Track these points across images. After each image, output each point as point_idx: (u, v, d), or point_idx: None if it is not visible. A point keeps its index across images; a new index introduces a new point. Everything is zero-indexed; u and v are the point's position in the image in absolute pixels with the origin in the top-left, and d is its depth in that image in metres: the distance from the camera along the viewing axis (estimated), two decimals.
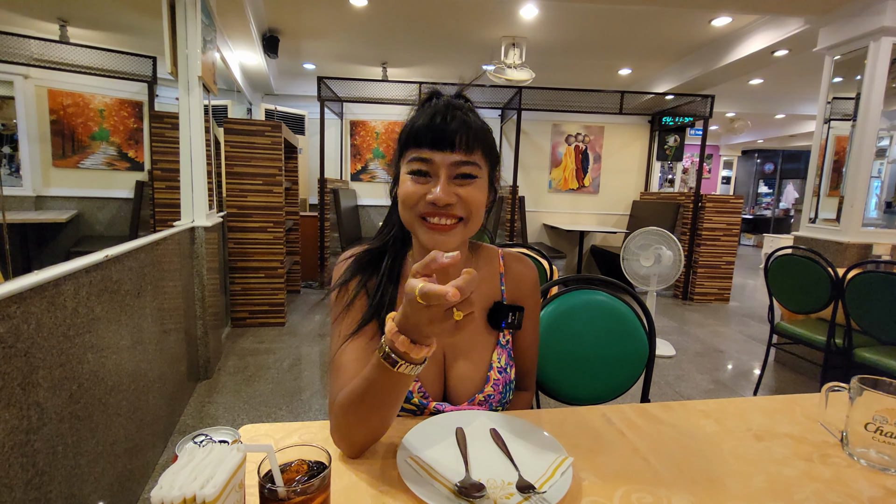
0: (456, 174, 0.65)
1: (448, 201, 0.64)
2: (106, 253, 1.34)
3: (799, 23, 3.28)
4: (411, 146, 0.66)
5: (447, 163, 0.64)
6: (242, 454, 0.40)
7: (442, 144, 0.64)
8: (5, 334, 0.88)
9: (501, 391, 0.76)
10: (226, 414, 2.18)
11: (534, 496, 0.54)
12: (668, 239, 2.88)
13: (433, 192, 0.64)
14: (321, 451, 0.46)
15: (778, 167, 10.75)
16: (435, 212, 0.65)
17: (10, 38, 3.62)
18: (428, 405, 0.74)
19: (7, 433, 0.87)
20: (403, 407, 0.74)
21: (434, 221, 0.65)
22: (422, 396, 0.73)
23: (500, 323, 0.77)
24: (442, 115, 0.65)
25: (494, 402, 0.76)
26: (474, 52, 4.60)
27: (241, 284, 3.35)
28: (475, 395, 0.75)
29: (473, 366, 0.75)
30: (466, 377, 0.75)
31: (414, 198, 0.65)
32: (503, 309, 0.77)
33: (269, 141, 3.27)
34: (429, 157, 0.64)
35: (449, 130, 0.64)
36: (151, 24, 3.56)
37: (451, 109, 0.66)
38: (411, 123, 0.67)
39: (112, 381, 1.36)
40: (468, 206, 0.66)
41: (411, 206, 0.66)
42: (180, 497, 0.34)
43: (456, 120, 0.64)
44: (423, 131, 0.64)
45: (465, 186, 0.65)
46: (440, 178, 0.64)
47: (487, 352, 0.77)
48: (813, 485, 0.61)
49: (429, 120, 0.65)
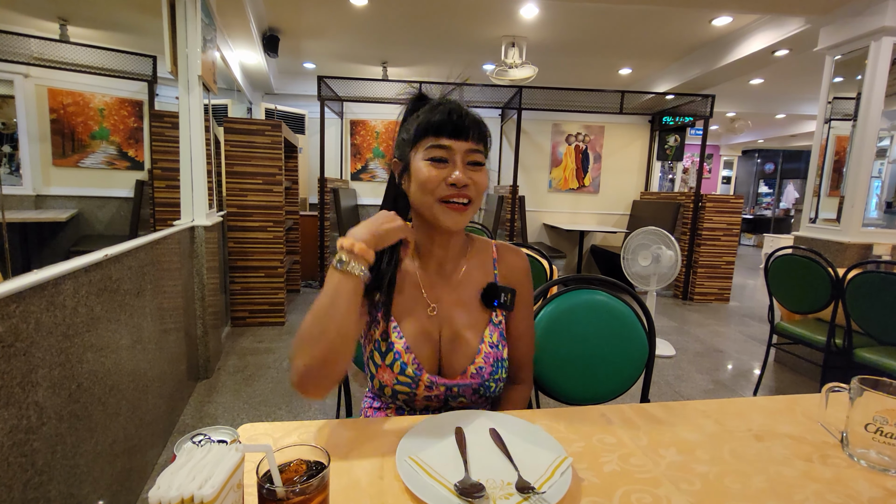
0: (469, 161, 0.75)
1: (466, 182, 0.73)
2: (105, 252, 1.34)
3: (799, 22, 3.28)
4: (430, 135, 0.74)
5: (463, 150, 0.74)
6: (241, 454, 0.40)
7: (458, 134, 0.74)
8: (4, 334, 0.88)
9: (492, 365, 0.80)
10: (225, 413, 2.18)
11: (533, 496, 0.54)
12: (666, 239, 2.88)
13: (454, 175, 0.73)
14: (320, 451, 0.46)
15: (778, 167, 10.75)
16: (455, 193, 0.73)
17: (10, 36, 3.61)
18: (421, 376, 0.77)
19: (6, 433, 0.87)
20: (398, 380, 0.77)
21: (455, 202, 0.74)
22: (416, 367, 0.77)
23: (492, 302, 0.83)
24: (457, 112, 0.75)
25: (486, 375, 0.80)
26: (474, 52, 4.59)
27: (241, 284, 3.35)
28: (467, 366, 0.79)
29: (466, 340, 0.81)
30: (459, 350, 0.80)
31: (435, 181, 0.73)
32: (496, 289, 0.83)
33: (270, 140, 3.27)
34: (448, 145, 0.74)
35: (465, 123, 0.74)
36: (151, 23, 3.55)
37: (461, 107, 0.76)
38: (428, 118, 0.75)
39: (111, 381, 1.36)
40: (478, 189, 0.76)
41: (431, 190, 0.74)
42: (178, 497, 0.34)
43: (469, 116, 0.75)
44: (444, 123, 0.74)
45: (476, 172, 0.75)
46: (457, 163, 0.74)
47: (480, 328, 0.82)
48: (813, 485, 0.61)
49: (447, 115, 0.74)
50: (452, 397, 0.79)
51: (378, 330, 0.79)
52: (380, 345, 0.79)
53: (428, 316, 0.81)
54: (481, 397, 0.81)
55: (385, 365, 0.77)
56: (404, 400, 0.79)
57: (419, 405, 0.80)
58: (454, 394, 0.79)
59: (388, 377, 0.77)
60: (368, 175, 5.63)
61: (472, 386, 0.79)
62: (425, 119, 0.75)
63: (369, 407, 0.86)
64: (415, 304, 0.81)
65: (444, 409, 0.81)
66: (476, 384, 0.79)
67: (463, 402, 0.80)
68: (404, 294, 0.81)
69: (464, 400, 0.80)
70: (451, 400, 0.80)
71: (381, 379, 0.78)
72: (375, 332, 0.80)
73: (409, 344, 0.78)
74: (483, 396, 0.81)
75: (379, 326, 0.79)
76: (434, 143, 0.74)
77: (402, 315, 0.80)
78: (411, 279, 0.82)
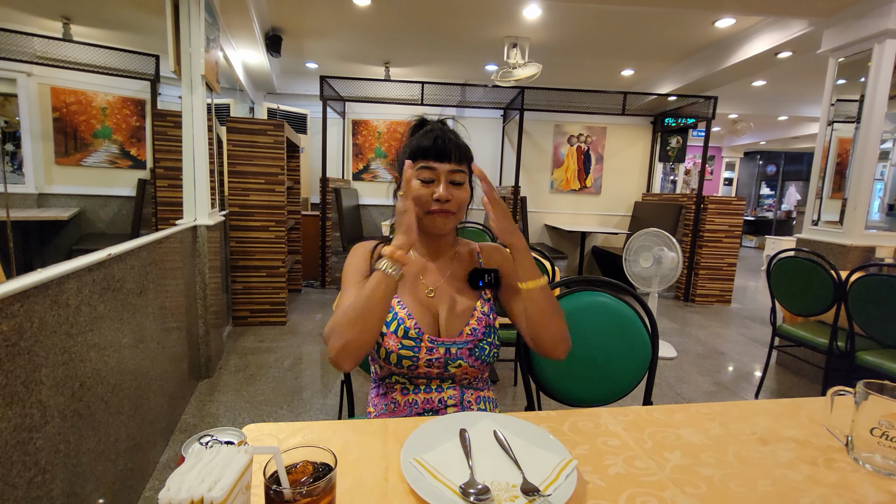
0: (451, 180, 0.89)
1: (448, 198, 0.88)
2: (109, 251, 1.34)
3: (803, 24, 3.27)
4: (420, 158, 0.89)
5: (446, 170, 0.89)
6: (249, 456, 0.39)
7: (442, 157, 0.88)
8: (9, 332, 0.88)
9: (485, 328, 0.92)
10: (227, 413, 2.18)
11: (538, 499, 0.54)
12: (668, 240, 2.87)
13: (437, 191, 0.88)
14: (327, 453, 0.46)
15: (780, 169, 10.73)
16: (438, 207, 0.89)
17: (13, 35, 3.62)
18: (423, 336, 0.88)
19: (10, 431, 0.87)
20: (403, 344, 0.87)
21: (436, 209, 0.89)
22: (418, 331, 0.88)
23: (478, 282, 0.95)
24: (441, 138, 0.89)
25: (479, 335, 0.91)
26: (477, 52, 4.59)
27: (243, 283, 3.35)
28: (462, 328, 0.91)
29: (460, 308, 0.94)
30: (454, 316, 0.93)
31: (424, 198, 0.89)
32: (480, 272, 0.96)
33: (272, 140, 3.27)
34: (434, 167, 0.89)
35: (448, 148, 0.89)
36: (154, 23, 3.56)
37: (447, 133, 0.91)
38: (419, 143, 0.89)
39: (114, 380, 1.36)
40: (458, 203, 0.91)
41: (422, 205, 0.89)
42: (188, 499, 0.34)
43: (451, 141, 0.90)
44: (430, 148, 0.89)
45: (457, 188, 0.90)
46: (441, 181, 0.88)
47: (472, 301, 0.95)
48: (818, 489, 0.60)
49: (433, 141, 0.89)
50: (451, 360, 0.88)
51: None
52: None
53: (427, 297, 0.94)
54: (477, 360, 0.89)
55: (390, 332, 0.88)
56: (408, 367, 0.87)
57: (421, 371, 0.88)
58: (453, 356, 0.88)
59: (394, 343, 0.87)
60: (370, 175, 5.62)
61: (468, 346, 0.89)
62: (416, 143, 0.90)
63: (375, 395, 0.95)
64: (414, 286, 0.94)
65: (444, 376, 0.89)
66: (472, 344, 0.89)
67: (462, 367, 0.89)
68: (405, 278, 0.93)
69: (462, 363, 0.88)
70: (450, 363, 0.88)
71: (386, 346, 0.87)
72: None
73: (410, 312, 0.90)
74: (479, 360, 0.90)
75: None
76: (423, 165, 0.88)
77: (404, 293, 0.93)
78: (411, 268, 0.96)
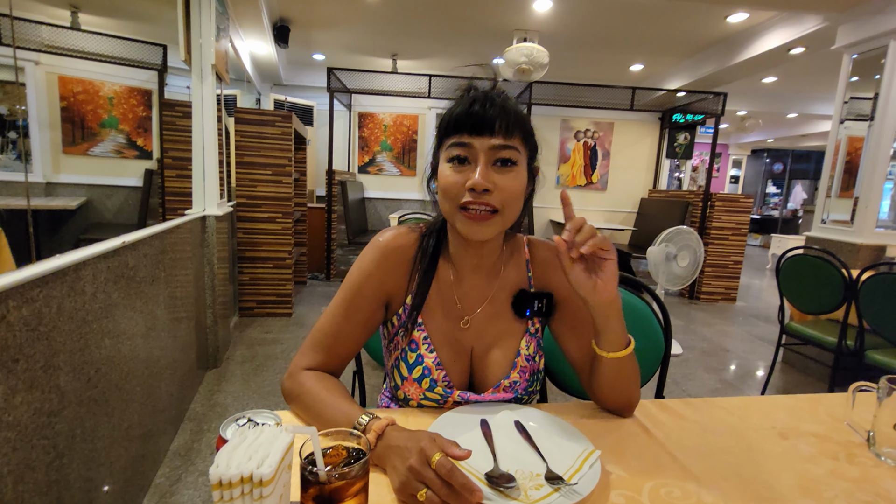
0: (495, 159, 0.64)
1: (485, 186, 0.62)
2: (123, 239, 1.34)
3: (817, 20, 3.23)
4: (451, 133, 0.66)
5: (486, 147, 0.64)
6: (291, 435, 0.40)
7: (481, 129, 0.63)
8: (29, 317, 0.88)
9: (528, 379, 0.75)
10: (234, 402, 2.20)
11: (564, 487, 0.54)
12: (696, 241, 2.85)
13: (472, 177, 0.63)
14: (361, 438, 0.46)
15: (787, 167, 10.66)
16: (474, 199, 0.63)
17: (22, 23, 3.61)
18: (451, 395, 0.73)
19: (31, 415, 0.88)
20: (426, 395, 0.73)
21: (472, 210, 0.64)
22: (446, 386, 0.72)
23: (524, 311, 0.75)
24: (481, 102, 0.64)
25: (520, 390, 0.75)
26: (486, 45, 4.56)
27: (250, 274, 3.36)
28: (501, 380, 0.74)
29: (501, 353, 0.74)
30: (494, 364, 0.74)
31: (455, 187, 0.64)
32: (528, 296, 0.75)
33: (280, 131, 3.27)
34: (468, 142, 0.64)
35: (488, 115, 0.63)
36: (163, 12, 3.55)
37: (490, 97, 0.65)
38: (450, 112, 0.67)
39: (127, 367, 1.37)
40: (504, 196, 0.64)
41: (453, 196, 0.65)
42: (238, 475, 0.34)
43: (495, 106, 0.64)
44: (462, 117, 0.64)
45: (504, 174, 0.64)
46: (479, 163, 0.64)
47: (516, 340, 0.76)
48: (841, 483, 0.60)
49: (468, 107, 0.64)
50: None
51: (406, 339, 0.74)
52: (407, 355, 0.73)
53: (461, 328, 0.75)
54: None
55: (412, 378, 0.72)
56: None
57: None
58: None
59: (415, 392, 0.73)
60: (376, 168, 5.62)
61: (504, 401, 0.74)
62: (447, 113, 0.66)
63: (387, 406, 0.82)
64: (447, 314, 0.75)
65: None
66: (509, 399, 0.74)
67: None
68: (437, 303, 0.75)
69: None
70: None
71: (406, 392, 0.73)
72: (402, 341, 0.74)
73: (440, 359, 0.72)
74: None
75: (406, 334, 0.74)
76: (455, 141, 0.65)
77: (434, 325, 0.74)
78: (445, 287, 0.75)
